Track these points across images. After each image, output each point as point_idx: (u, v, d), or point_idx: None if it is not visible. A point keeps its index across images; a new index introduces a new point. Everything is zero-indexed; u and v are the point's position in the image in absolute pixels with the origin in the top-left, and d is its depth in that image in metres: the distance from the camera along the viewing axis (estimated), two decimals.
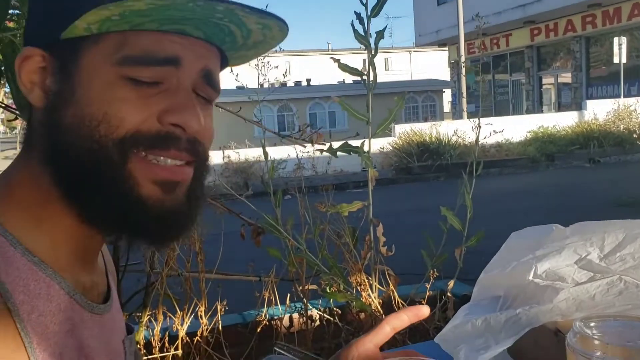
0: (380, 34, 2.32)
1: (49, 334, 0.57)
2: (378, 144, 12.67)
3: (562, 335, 0.96)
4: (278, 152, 6.30)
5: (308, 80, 35.02)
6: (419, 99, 30.55)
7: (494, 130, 2.55)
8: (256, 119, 2.44)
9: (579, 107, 18.08)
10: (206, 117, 0.63)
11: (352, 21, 2.25)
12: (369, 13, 2.29)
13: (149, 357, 2.01)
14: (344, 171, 11.83)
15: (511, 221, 6.61)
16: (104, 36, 0.58)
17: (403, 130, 14.32)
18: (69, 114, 0.58)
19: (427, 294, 2.19)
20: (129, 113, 0.58)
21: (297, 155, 2.51)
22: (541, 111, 20.99)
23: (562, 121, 15.45)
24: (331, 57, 2.42)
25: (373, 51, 2.28)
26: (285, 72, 3.48)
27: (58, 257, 0.61)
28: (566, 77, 20.76)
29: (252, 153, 12.90)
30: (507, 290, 1.26)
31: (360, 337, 0.84)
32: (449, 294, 2.20)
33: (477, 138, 2.33)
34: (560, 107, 20.60)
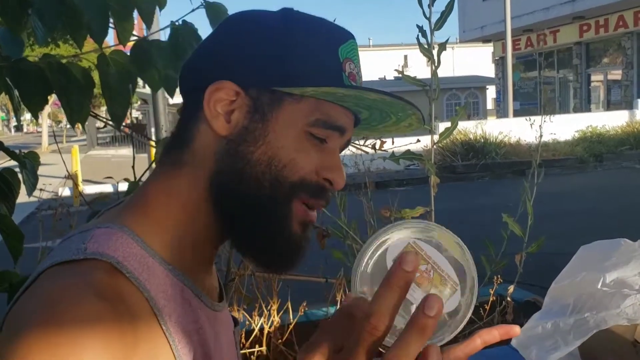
0: (442, 47, 2.41)
1: (186, 333, 0.65)
2: (422, 143, 12.63)
3: None
4: None
5: None
6: (461, 95, 30.17)
7: (554, 133, 2.57)
8: None
9: (629, 105, 17.63)
10: None
11: (417, 36, 2.35)
12: (432, 27, 2.39)
13: None
14: (387, 169, 11.86)
15: (558, 223, 6.56)
16: (305, 99, 0.69)
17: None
18: (259, 151, 0.68)
19: (491, 299, 2.27)
20: (307, 163, 0.69)
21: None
22: (589, 109, 20.53)
23: (611, 120, 15.11)
24: (395, 69, 2.52)
25: (436, 63, 2.38)
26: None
27: (189, 266, 0.70)
28: (616, 75, 20.24)
29: None
30: (576, 298, 1.34)
31: (452, 345, 0.96)
32: (508, 299, 2.28)
33: (540, 141, 2.36)
34: (610, 105, 20.11)
